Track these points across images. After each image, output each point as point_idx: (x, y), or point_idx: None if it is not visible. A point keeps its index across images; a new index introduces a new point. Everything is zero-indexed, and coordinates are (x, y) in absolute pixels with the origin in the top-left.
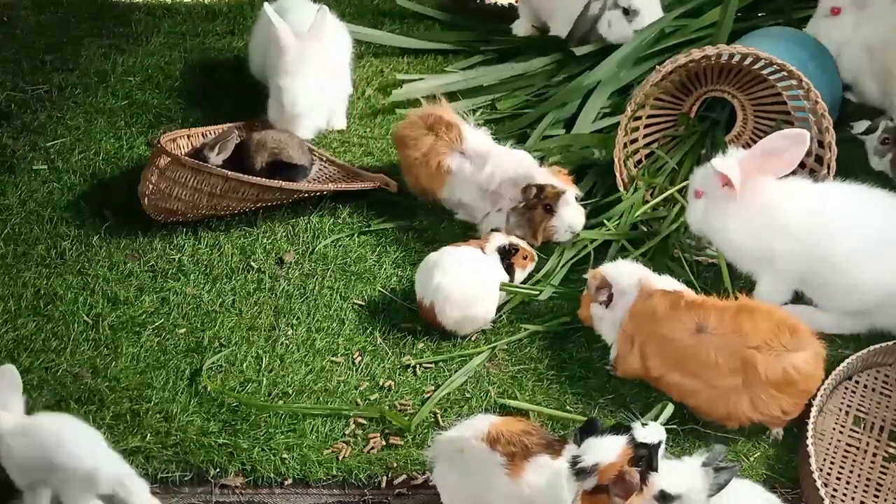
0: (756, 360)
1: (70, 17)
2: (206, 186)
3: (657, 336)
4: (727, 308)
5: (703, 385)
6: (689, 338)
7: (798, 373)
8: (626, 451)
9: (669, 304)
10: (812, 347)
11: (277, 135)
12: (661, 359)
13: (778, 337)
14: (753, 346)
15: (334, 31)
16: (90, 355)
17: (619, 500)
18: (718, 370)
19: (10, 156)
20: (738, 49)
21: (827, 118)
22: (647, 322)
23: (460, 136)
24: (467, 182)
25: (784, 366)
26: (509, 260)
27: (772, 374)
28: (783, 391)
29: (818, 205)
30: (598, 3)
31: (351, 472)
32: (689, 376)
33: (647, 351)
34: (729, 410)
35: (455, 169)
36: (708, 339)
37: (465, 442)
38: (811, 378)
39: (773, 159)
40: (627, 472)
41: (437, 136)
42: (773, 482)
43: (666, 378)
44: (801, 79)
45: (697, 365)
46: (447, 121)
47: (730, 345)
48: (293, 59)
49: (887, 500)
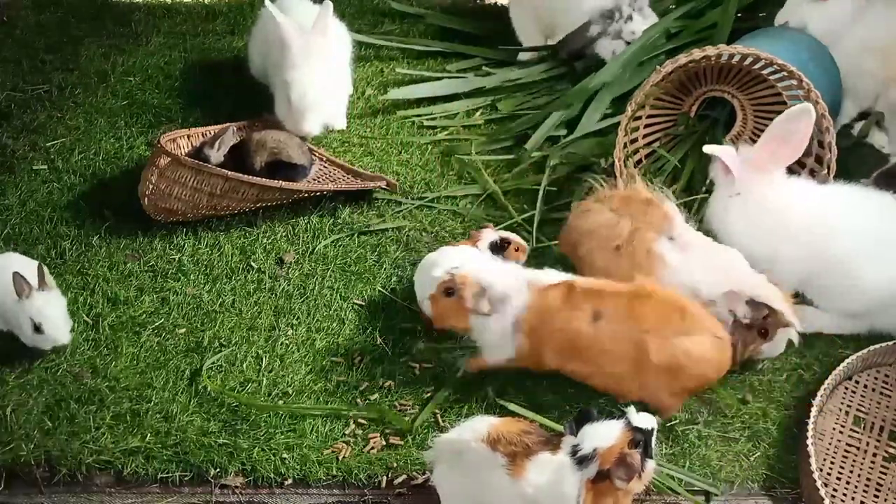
0: (647, 345)
1: (70, 17)
2: (206, 186)
3: (557, 332)
4: (623, 294)
5: (598, 371)
6: (586, 326)
7: (687, 357)
8: (624, 435)
9: (563, 295)
10: (705, 331)
11: (277, 135)
12: (560, 351)
13: (668, 320)
14: (645, 329)
15: (336, 30)
16: (90, 355)
17: (622, 483)
18: (613, 356)
19: (10, 156)
20: (739, 49)
21: (827, 118)
22: (546, 319)
23: (667, 216)
24: (679, 278)
25: (672, 350)
26: (502, 254)
27: (661, 357)
28: (675, 375)
29: (820, 206)
30: (598, 27)
31: (351, 472)
32: (584, 364)
33: (545, 349)
34: (621, 391)
35: (668, 259)
36: (603, 326)
37: (464, 444)
38: (703, 362)
39: (783, 145)
40: (629, 455)
41: (634, 219)
42: (773, 482)
43: (566, 368)
44: (801, 79)
45: (593, 352)
46: (644, 199)
47: (624, 330)
48: (298, 54)
49: (887, 500)
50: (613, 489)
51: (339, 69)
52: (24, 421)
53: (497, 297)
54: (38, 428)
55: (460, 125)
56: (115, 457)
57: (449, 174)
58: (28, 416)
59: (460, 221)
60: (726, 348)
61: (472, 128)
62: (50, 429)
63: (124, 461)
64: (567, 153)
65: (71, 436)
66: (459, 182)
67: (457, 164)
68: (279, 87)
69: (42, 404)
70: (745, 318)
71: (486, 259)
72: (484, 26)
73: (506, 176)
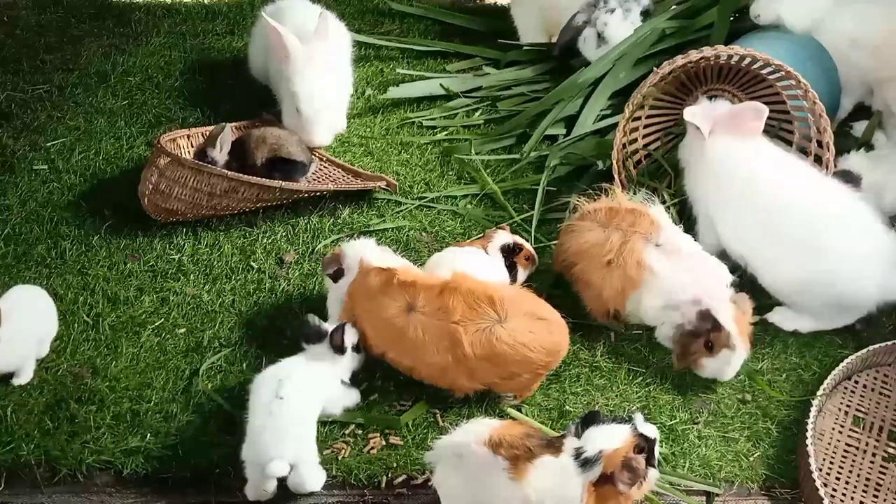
0: (460, 336)
1: (70, 17)
2: (206, 186)
3: (371, 314)
4: (434, 286)
5: (418, 363)
6: (399, 316)
7: (504, 343)
8: (630, 439)
9: (383, 282)
10: (523, 315)
11: (277, 131)
12: (379, 337)
13: (477, 310)
14: (455, 321)
15: (335, 32)
16: (90, 355)
17: (625, 487)
18: (427, 348)
19: (10, 156)
20: (736, 50)
21: (825, 118)
22: (363, 298)
23: (653, 223)
24: (661, 286)
25: (487, 338)
26: (512, 259)
27: (477, 348)
28: (498, 363)
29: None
30: (583, 16)
31: (351, 472)
32: (403, 354)
33: (365, 327)
34: (450, 384)
35: (657, 268)
36: (417, 318)
37: (465, 447)
38: (525, 347)
39: (740, 122)
40: (633, 459)
41: (622, 231)
42: (773, 482)
43: (387, 355)
44: (798, 79)
45: (409, 343)
46: (627, 210)
47: (437, 323)
48: (303, 65)
49: (887, 499)
50: (615, 493)
51: (341, 71)
52: (24, 421)
53: (347, 265)
54: (38, 428)
55: (460, 125)
56: (115, 457)
57: (449, 174)
58: (28, 416)
59: (460, 221)
60: (555, 329)
61: (472, 128)
62: (50, 429)
63: (124, 461)
64: (567, 154)
65: (71, 436)
66: (459, 182)
67: (457, 164)
68: (286, 98)
69: (42, 404)
70: (688, 324)
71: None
72: (484, 26)
73: (505, 176)
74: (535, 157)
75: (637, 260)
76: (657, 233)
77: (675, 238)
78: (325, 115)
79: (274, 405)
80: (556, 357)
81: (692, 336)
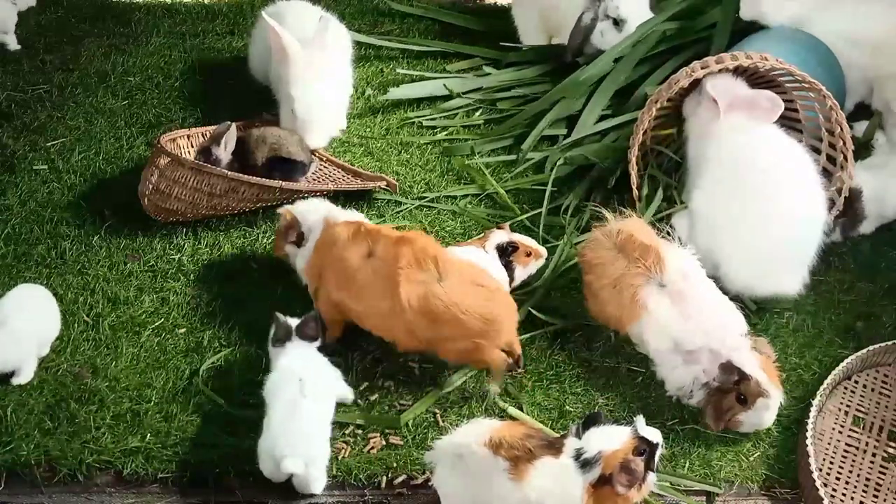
0: (400, 282)
1: (70, 17)
2: (206, 186)
3: (335, 261)
4: (393, 236)
5: (366, 306)
6: (358, 261)
7: (438, 299)
8: (630, 441)
9: (351, 233)
10: (464, 281)
11: (277, 131)
12: (338, 283)
13: (422, 265)
14: (400, 266)
15: (335, 34)
16: (90, 355)
17: (623, 489)
18: (374, 291)
19: (10, 156)
20: (754, 59)
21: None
22: (329, 250)
23: (660, 262)
24: (661, 326)
25: (423, 291)
26: (508, 258)
27: (413, 299)
28: (430, 318)
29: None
30: (590, 13)
31: (351, 472)
32: (355, 298)
33: (327, 276)
34: (392, 336)
35: (652, 307)
36: (372, 262)
37: (465, 448)
38: (457, 307)
39: (754, 107)
40: (632, 461)
41: (629, 260)
42: (773, 482)
43: (345, 303)
44: (822, 92)
45: (361, 286)
46: (640, 242)
47: (385, 267)
48: (301, 68)
49: (887, 499)
50: (613, 495)
51: (341, 72)
52: (24, 421)
53: (307, 227)
54: (38, 428)
55: (460, 125)
56: (115, 457)
57: (449, 174)
58: (28, 416)
59: (460, 221)
60: (495, 298)
61: (472, 128)
62: (50, 429)
63: (124, 461)
64: (569, 155)
65: (71, 436)
66: (459, 182)
67: (457, 164)
68: (284, 100)
69: (42, 404)
70: (714, 381)
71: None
72: (484, 26)
73: (505, 176)
74: (536, 157)
75: (632, 294)
76: (662, 272)
77: (682, 281)
78: (321, 118)
79: (298, 403)
80: (493, 326)
81: (721, 393)
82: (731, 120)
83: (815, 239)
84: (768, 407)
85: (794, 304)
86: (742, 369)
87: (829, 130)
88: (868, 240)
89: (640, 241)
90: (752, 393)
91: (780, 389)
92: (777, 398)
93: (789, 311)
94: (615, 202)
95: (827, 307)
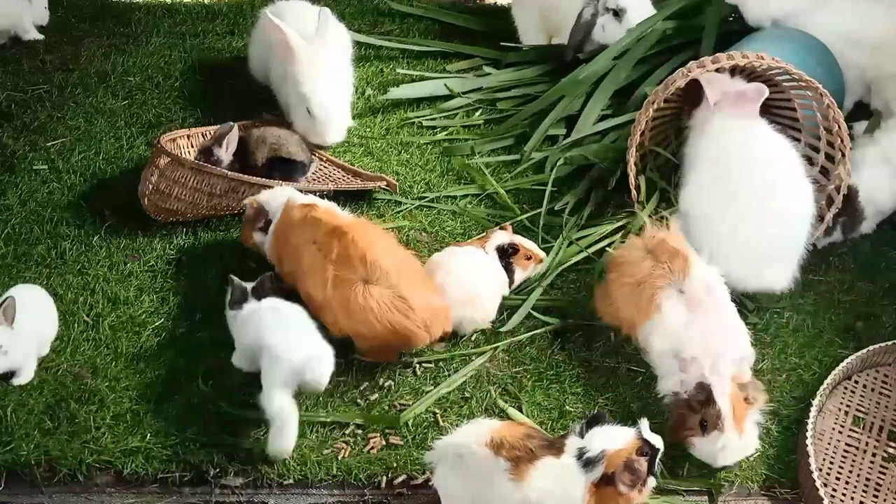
0: (327, 276)
1: (70, 17)
2: (206, 186)
3: (287, 244)
4: (330, 226)
5: (306, 291)
6: (303, 246)
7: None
8: (633, 442)
9: (301, 216)
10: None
11: (277, 131)
12: (288, 264)
13: (351, 262)
14: (332, 260)
15: (336, 32)
16: (90, 355)
17: (625, 488)
18: (312, 279)
19: (10, 156)
20: (752, 59)
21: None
22: (284, 231)
23: (685, 268)
24: (667, 328)
25: (345, 290)
26: (508, 259)
27: (336, 294)
28: (349, 316)
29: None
30: (590, 9)
31: (351, 471)
32: (299, 281)
33: (282, 257)
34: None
35: (665, 309)
36: (312, 250)
37: (465, 448)
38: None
39: (745, 101)
40: (636, 460)
41: (657, 262)
42: (773, 482)
43: (296, 284)
44: (819, 89)
45: (303, 272)
46: (672, 247)
47: (321, 258)
48: (308, 65)
49: (887, 499)
50: (615, 495)
51: (343, 71)
52: (24, 421)
53: (272, 213)
54: (38, 428)
55: (460, 125)
56: (115, 457)
57: (449, 174)
58: (28, 416)
59: (460, 221)
60: (412, 316)
61: (472, 128)
62: (50, 429)
63: (124, 461)
64: (569, 155)
65: (71, 436)
66: (459, 182)
67: (457, 164)
68: (294, 99)
69: (42, 404)
70: (684, 392)
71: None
72: (484, 26)
73: (505, 176)
74: (536, 157)
75: (651, 293)
76: (684, 279)
77: (702, 292)
78: (337, 112)
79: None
80: (402, 340)
81: (689, 408)
82: (723, 117)
83: (803, 234)
84: (722, 446)
85: (794, 304)
86: (711, 394)
87: (827, 129)
88: (868, 239)
89: (671, 246)
90: (711, 421)
91: (740, 434)
92: (732, 440)
93: (789, 312)
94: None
95: (827, 307)
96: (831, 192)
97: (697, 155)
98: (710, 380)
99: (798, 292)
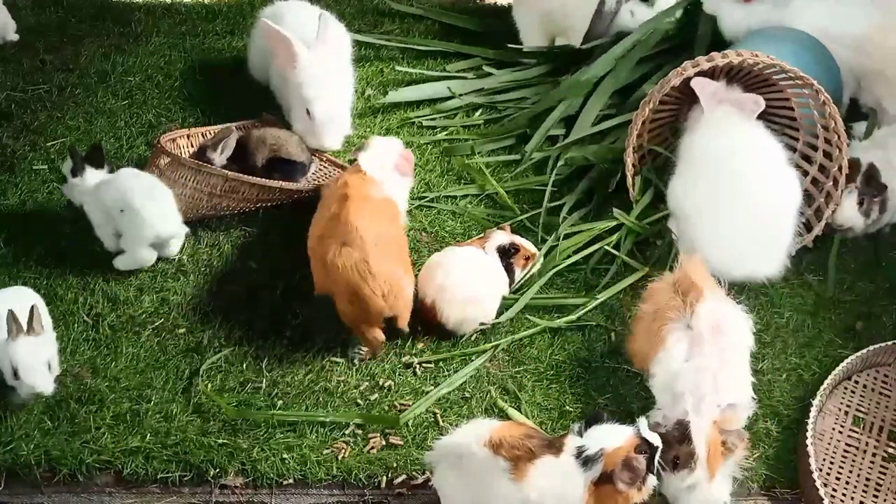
0: (318, 230)
1: (70, 17)
2: (206, 186)
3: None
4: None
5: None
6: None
7: (333, 259)
8: (632, 440)
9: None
10: (356, 249)
11: (277, 131)
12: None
13: (339, 223)
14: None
15: (336, 34)
16: (90, 355)
17: (624, 486)
18: (315, 229)
19: (10, 156)
20: (745, 58)
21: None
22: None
23: (697, 303)
24: (668, 359)
25: (327, 245)
26: (509, 259)
27: (319, 247)
28: (328, 272)
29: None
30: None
31: (351, 471)
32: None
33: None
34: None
35: (669, 344)
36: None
37: (465, 448)
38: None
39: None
40: (634, 458)
41: (673, 294)
42: (773, 482)
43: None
44: (815, 87)
45: (318, 235)
46: (690, 280)
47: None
48: (311, 70)
49: (887, 499)
50: (615, 493)
51: (344, 74)
52: (24, 421)
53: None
54: (38, 428)
55: (460, 125)
56: (115, 457)
57: (449, 174)
58: (28, 416)
59: (460, 221)
60: (374, 287)
61: (472, 128)
62: (50, 429)
63: (124, 461)
64: (569, 155)
65: (71, 436)
66: (459, 182)
67: (457, 164)
68: (296, 103)
69: (42, 404)
70: (664, 427)
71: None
72: (484, 26)
73: (505, 176)
74: (536, 158)
75: (659, 326)
76: (692, 314)
77: (707, 331)
78: (336, 119)
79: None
80: (363, 305)
81: (664, 442)
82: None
83: (787, 222)
84: (688, 486)
85: (794, 304)
86: (688, 432)
87: (824, 126)
88: (868, 239)
89: (690, 279)
90: (683, 459)
91: (710, 478)
92: (700, 482)
93: (789, 312)
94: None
95: (827, 307)
96: (830, 189)
97: (687, 149)
98: (691, 418)
99: (798, 292)
